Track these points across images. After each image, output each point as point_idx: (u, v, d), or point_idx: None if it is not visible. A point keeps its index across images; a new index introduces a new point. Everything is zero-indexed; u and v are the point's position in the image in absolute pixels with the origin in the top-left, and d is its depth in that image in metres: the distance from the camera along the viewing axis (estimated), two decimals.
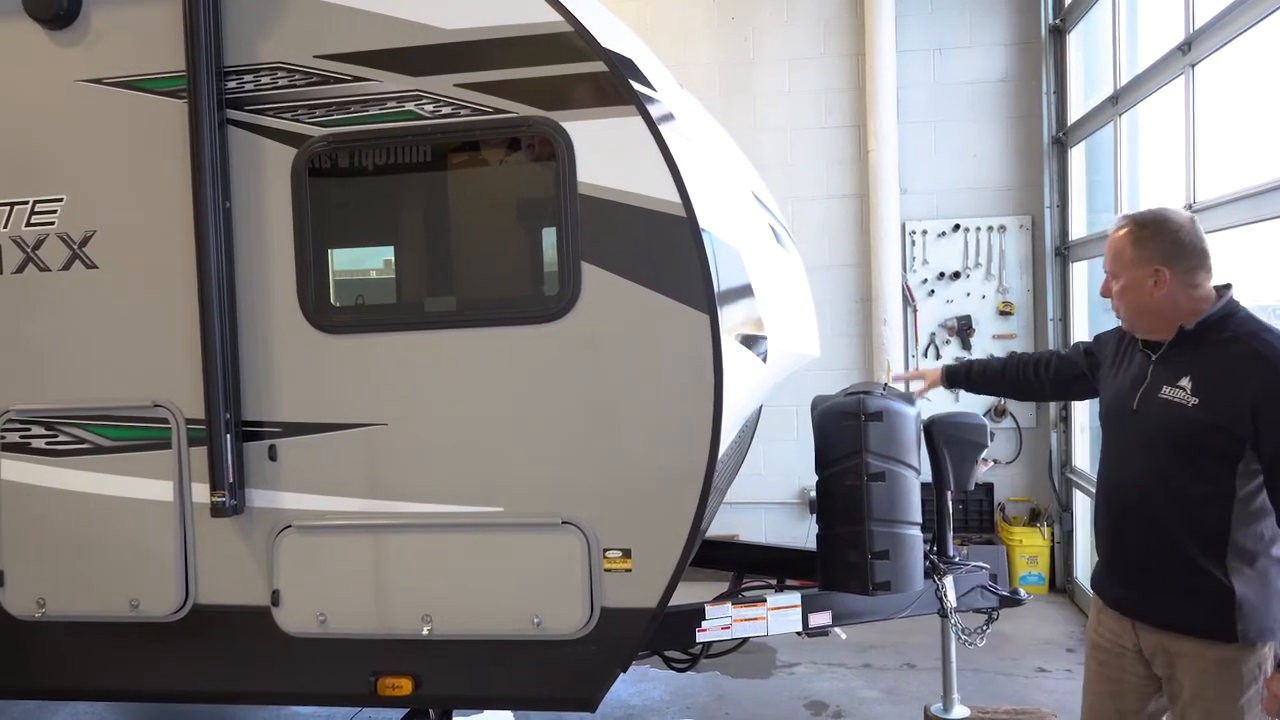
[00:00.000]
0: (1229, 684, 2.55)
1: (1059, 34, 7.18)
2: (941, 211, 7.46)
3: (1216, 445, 2.49)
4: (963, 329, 7.38)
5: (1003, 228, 7.36)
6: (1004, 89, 7.36)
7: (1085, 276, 6.99)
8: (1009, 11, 7.34)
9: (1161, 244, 2.60)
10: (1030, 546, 7.10)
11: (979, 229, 7.37)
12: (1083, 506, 6.87)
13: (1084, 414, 6.95)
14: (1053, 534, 7.18)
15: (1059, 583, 7.18)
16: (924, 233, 7.44)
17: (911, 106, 7.40)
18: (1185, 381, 2.55)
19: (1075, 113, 7.00)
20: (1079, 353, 3.22)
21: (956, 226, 7.39)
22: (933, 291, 7.44)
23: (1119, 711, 2.82)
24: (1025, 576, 7.04)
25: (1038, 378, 3.42)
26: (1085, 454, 6.99)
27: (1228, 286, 2.64)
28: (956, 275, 7.40)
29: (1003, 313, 7.36)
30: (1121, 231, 2.67)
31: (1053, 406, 7.18)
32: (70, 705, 5.38)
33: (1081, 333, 6.99)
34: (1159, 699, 2.77)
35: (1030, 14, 7.28)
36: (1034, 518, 7.28)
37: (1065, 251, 7.18)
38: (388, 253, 3.74)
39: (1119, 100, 5.85)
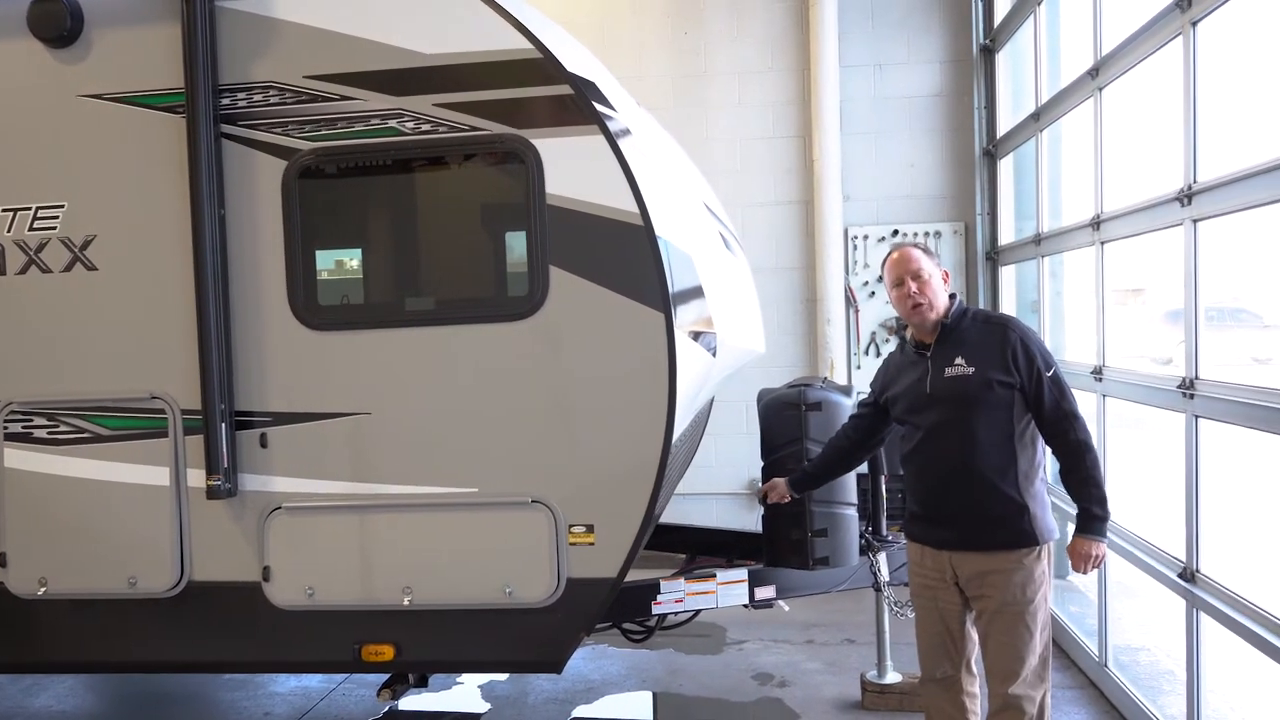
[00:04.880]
0: (1027, 583, 3.38)
1: (989, 53, 7.67)
2: (881, 217, 7.92)
3: (994, 396, 3.39)
4: (901, 329, 7.73)
5: (938, 233, 7.83)
6: (939, 103, 7.84)
7: (1013, 279, 7.48)
8: (943, 31, 7.82)
9: (935, 258, 3.62)
10: None
11: (916, 234, 7.83)
12: None
13: None
14: None
15: None
16: (865, 237, 7.89)
17: (853, 119, 7.84)
18: (959, 359, 3.45)
19: (1004, 126, 7.47)
20: (869, 402, 3.88)
21: (895, 231, 7.84)
22: (873, 293, 7.88)
23: (949, 632, 3.58)
24: None
25: (855, 444, 3.99)
26: None
27: (955, 294, 3.61)
28: None
29: None
30: (912, 250, 3.58)
31: None
32: (58, 681, 5.61)
33: None
34: (970, 617, 3.57)
35: (963, 34, 7.77)
36: None
37: (995, 256, 7.67)
38: (371, 256, 4.04)
39: (1040, 117, 6.31)
